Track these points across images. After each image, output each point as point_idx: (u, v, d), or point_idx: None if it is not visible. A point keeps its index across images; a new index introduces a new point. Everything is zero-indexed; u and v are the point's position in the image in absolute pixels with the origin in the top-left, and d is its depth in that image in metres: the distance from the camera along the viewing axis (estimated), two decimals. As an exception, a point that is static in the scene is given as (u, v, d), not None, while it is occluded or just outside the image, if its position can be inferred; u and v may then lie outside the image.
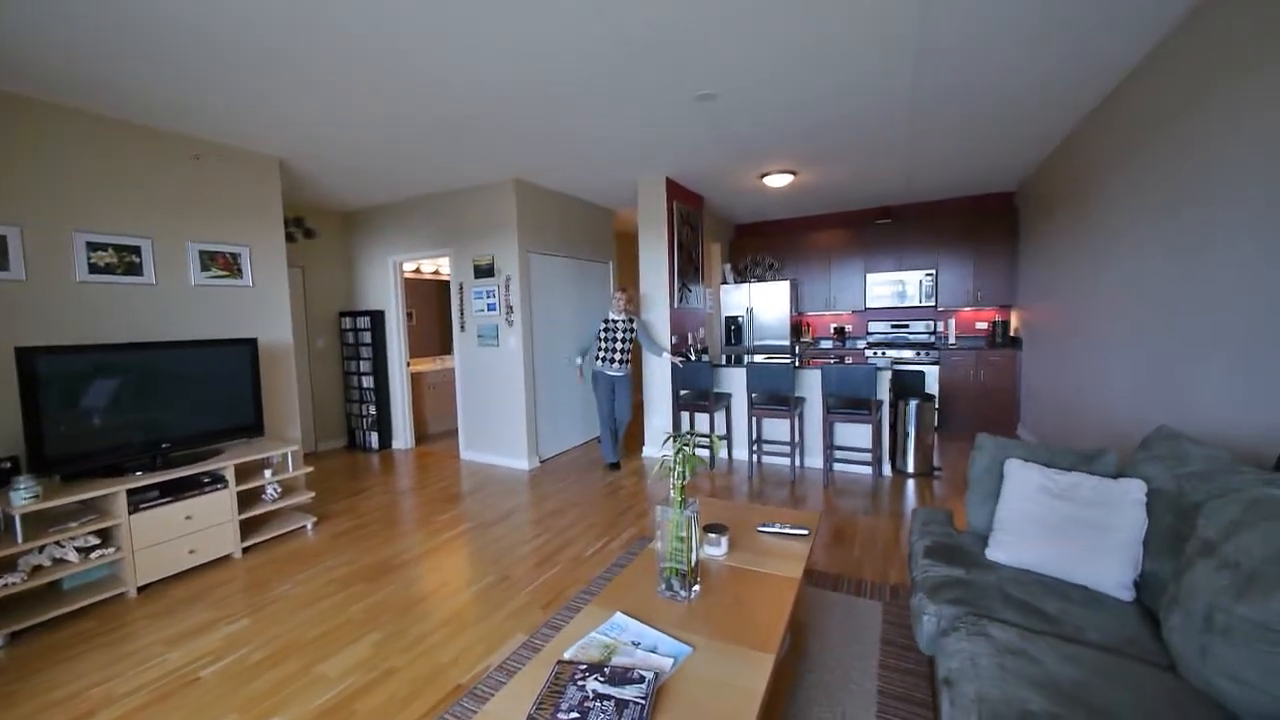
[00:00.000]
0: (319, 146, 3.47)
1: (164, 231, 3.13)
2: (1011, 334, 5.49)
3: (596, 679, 1.30)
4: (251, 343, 3.27)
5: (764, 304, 6.07)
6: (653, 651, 1.41)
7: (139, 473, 2.75)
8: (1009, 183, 5.22)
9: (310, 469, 3.47)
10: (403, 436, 5.47)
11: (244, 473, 3.22)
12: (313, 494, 3.53)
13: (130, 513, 2.64)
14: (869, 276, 6.04)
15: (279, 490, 3.32)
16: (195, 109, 2.87)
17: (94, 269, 2.86)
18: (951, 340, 5.79)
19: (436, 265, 6.51)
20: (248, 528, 3.22)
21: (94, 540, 2.57)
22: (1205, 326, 2.10)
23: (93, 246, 2.86)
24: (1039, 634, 1.45)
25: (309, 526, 3.37)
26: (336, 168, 3.96)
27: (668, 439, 1.72)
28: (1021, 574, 1.75)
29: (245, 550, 3.08)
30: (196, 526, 2.86)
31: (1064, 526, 1.72)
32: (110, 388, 2.70)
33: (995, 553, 1.84)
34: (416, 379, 5.80)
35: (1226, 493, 1.44)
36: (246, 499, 3.24)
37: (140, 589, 2.68)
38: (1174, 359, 2.33)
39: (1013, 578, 1.72)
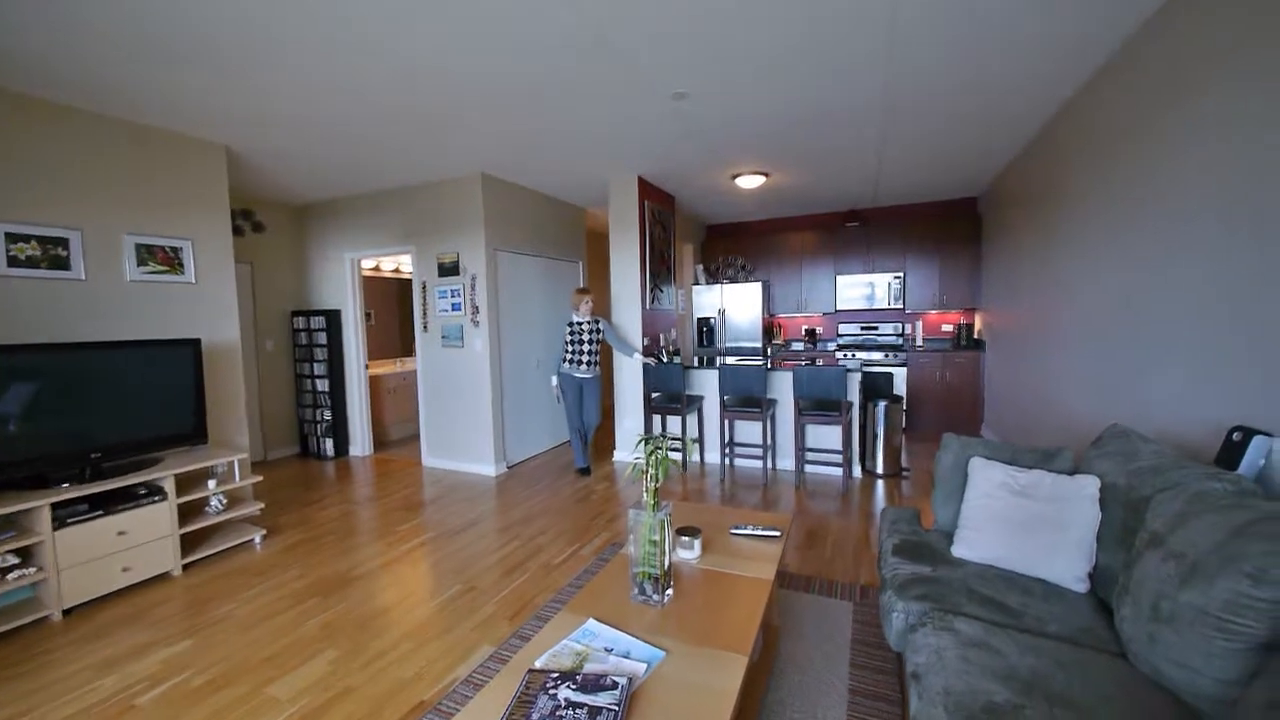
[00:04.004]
0: (269, 134, 3.35)
1: (96, 222, 2.96)
2: (975, 336, 5.75)
3: (568, 687, 1.30)
4: (194, 344, 3.13)
5: (736, 305, 6.16)
6: (625, 657, 1.42)
7: (66, 485, 2.58)
8: (973, 189, 5.48)
9: (259, 478, 3.35)
10: (360, 443, 5.33)
11: (186, 483, 3.07)
12: (262, 505, 3.41)
13: (55, 528, 2.47)
14: (839, 279, 6.21)
15: (224, 502, 3.19)
16: (132, 90, 2.72)
17: (14, 262, 2.68)
18: (919, 342, 6.01)
19: (397, 263, 6.37)
20: (190, 543, 3.07)
21: (12, 560, 2.40)
22: (1158, 330, 2.24)
23: (12, 238, 2.68)
24: (1002, 627, 1.52)
25: (257, 540, 3.25)
26: (289, 157, 3.82)
27: (640, 442, 1.73)
28: (986, 569, 1.83)
29: (187, 567, 2.94)
30: (131, 542, 2.71)
31: (1025, 522, 1.82)
32: (31, 392, 2.53)
33: (960, 549, 1.93)
34: (375, 382, 5.66)
35: (1172, 486, 1.55)
36: (188, 512, 3.10)
37: (66, 612, 2.51)
38: (1129, 360, 2.49)
39: (977, 573, 1.81)
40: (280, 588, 2.72)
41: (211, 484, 3.10)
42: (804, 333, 6.65)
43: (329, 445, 5.23)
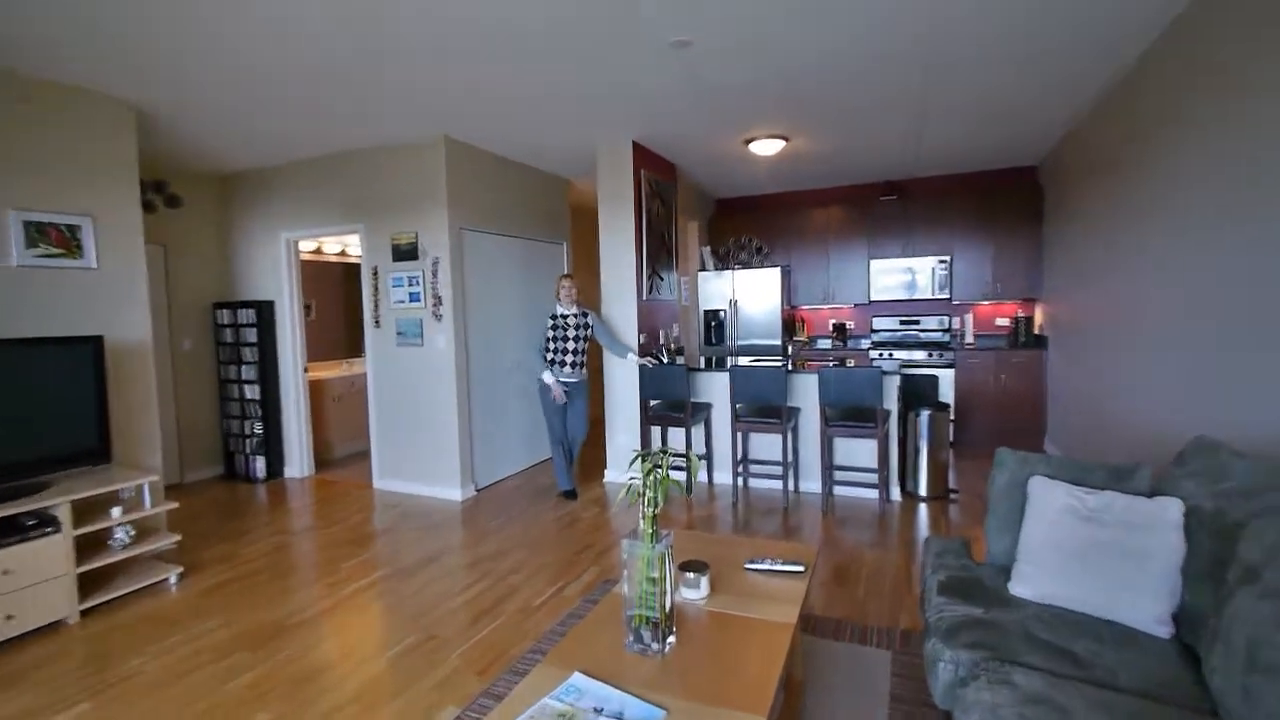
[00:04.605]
0: (186, 88, 3.33)
1: (-27, 196, 2.94)
2: (1036, 331, 5.78)
3: (548, 757, 1.29)
4: (95, 342, 3.10)
5: (750, 295, 6.17)
6: (619, 718, 1.41)
7: (-64, 514, 2.55)
8: (1032, 155, 5.51)
9: (174, 505, 3.32)
10: (298, 462, 5.30)
11: (85, 512, 3.04)
12: (178, 538, 3.38)
13: (-77, 568, 2.44)
14: (873, 263, 6.24)
15: (132, 534, 3.16)
16: (15, 34, 2.70)
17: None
18: (968, 339, 6.05)
19: (343, 244, 6.35)
20: (90, 584, 3.04)
21: None
22: (1264, 325, 2.19)
23: None
24: (1068, 680, 1.53)
25: (173, 580, 3.23)
26: (210, 117, 3.81)
27: (635, 459, 1.72)
28: (1048, 610, 1.84)
29: (86, 613, 2.91)
30: (16, 584, 2.68)
31: (1094, 554, 1.82)
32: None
33: (1019, 587, 1.93)
34: (316, 388, 5.63)
35: (1271, 511, 1.56)
36: (88, 546, 3.07)
37: (-63, 669, 2.48)
38: (1222, 361, 2.50)
39: (1038, 615, 1.81)
40: (200, 638, 2.69)
41: (116, 512, 3.07)
42: (831, 328, 6.66)
43: (260, 465, 5.20)
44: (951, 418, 4.93)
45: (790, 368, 4.50)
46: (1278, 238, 2.14)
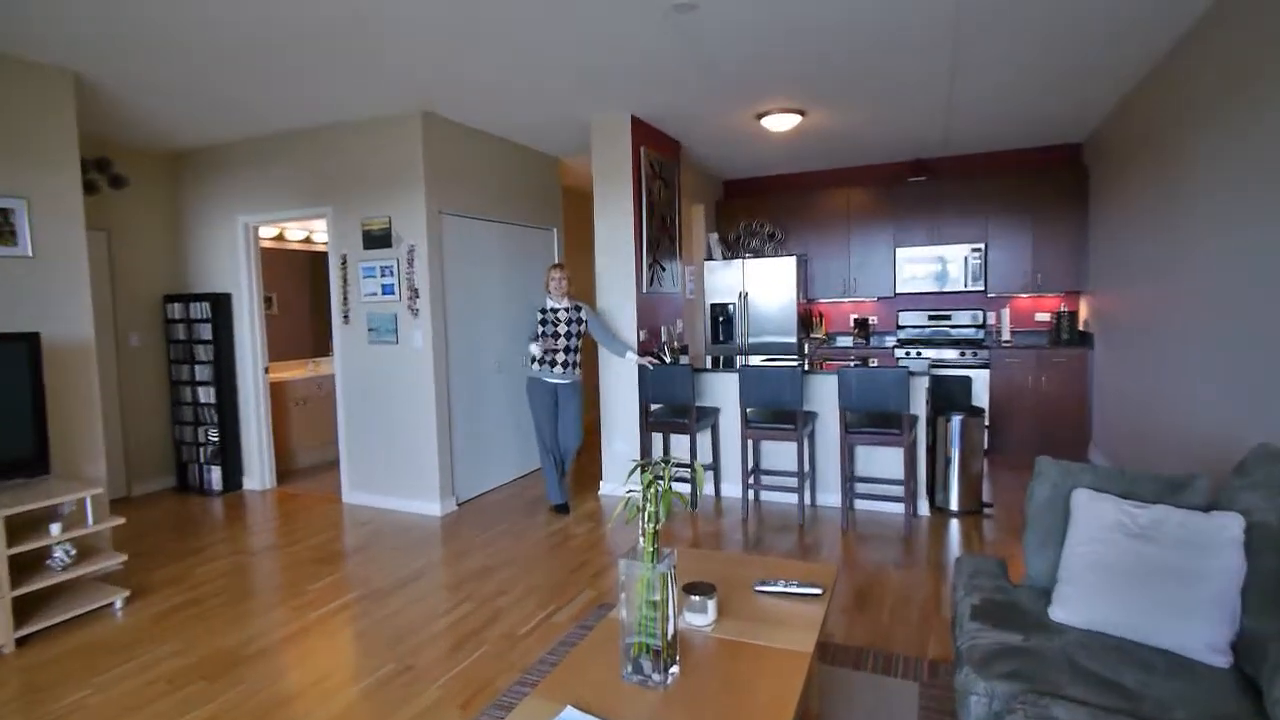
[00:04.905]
0: (130, 53, 3.32)
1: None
2: (1081, 327, 5.79)
3: (538, 800, 1.29)
4: (29, 339, 3.10)
5: (762, 287, 6.18)
6: (615, 759, 1.41)
7: None
8: (1077, 131, 5.52)
9: (120, 521, 3.31)
10: (258, 473, 5.30)
11: (19, 529, 3.03)
12: (124, 558, 3.38)
13: None
14: (899, 251, 6.25)
15: (73, 553, 3.16)
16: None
17: None
18: (1005, 336, 6.05)
19: (308, 230, 6.35)
20: (26, 608, 3.03)
21: None
22: None
23: None
24: (1114, 713, 1.53)
25: (118, 604, 3.23)
26: (158, 85, 3.80)
27: (634, 470, 1.72)
28: (1093, 637, 1.84)
29: (22, 641, 2.91)
30: (-54, 608, 2.67)
31: (1145, 575, 1.83)
32: None
33: (1060, 611, 1.94)
34: (279, 391, 5.63)
35: (1339, 526, 1.55)
36: (24, 567, 3.06)
37: None
38: None
39: (1082, 642, 1.81)
40: (150, 668, 2.68)
41: (55, 529, 3.06)
42: (852, 324, 6.67)
43: (215, 476, 5.20)
44: (986, 423, 4.94)
45: (807, 368, 4.50)
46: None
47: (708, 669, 1.72)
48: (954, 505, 4.22)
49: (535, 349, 4.27)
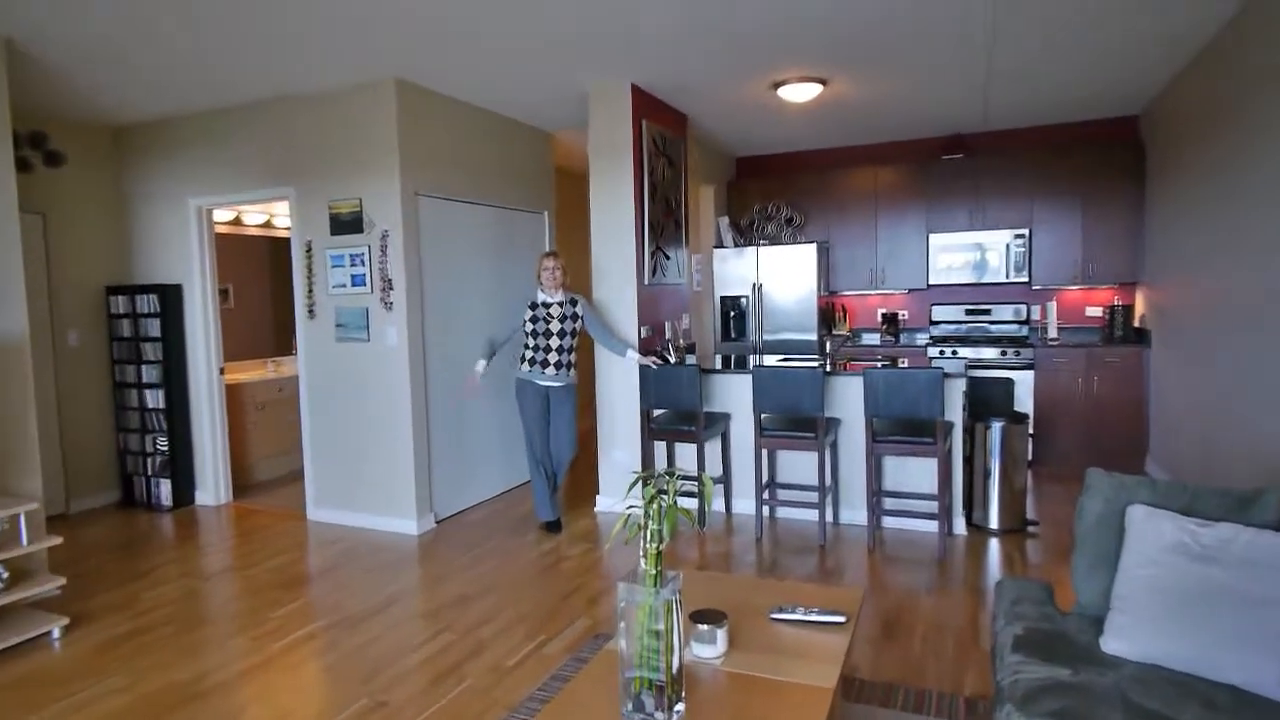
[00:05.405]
0: (65, 10, 3.31)
1: None
2: (1137, 324, 5.79)
3: None
4: (-41, 336, 3.11)
5: (779, 278, 6.18)
6: (615, 806, 1.42)
7: None
8: (1134, 101, 5.51)
9: (58, 541, 3.32)
10: (213, 486, 5.31)
11: (-54, 548, 3.04)
12: (62, 581, 3.39)
13: None
14: (933, 238, 6.25)
15: (5, 576, 3.16)
16: None
17: None
18: (1051, 333, 6.06)
19: (268, 213, 6.35)
20: (-48, 638, 3.05)
21: None
22: None
23: None
24: (1176, 757, 1.54)
25: (56, 633, 3.23)
26: (98, 50, 3.80)
27: (635, 483, 1.73)
28: (1150, 671, 1.84)
29: (-52, 674, 2.92)
30: None
31: (1209, 601, 1.83)
32: None
33: (1113, 642, 1.94)
34: (236, 394, 5.64)
35: None
36: (-50, 591, 3.07)
37: None
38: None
39: (1138, 677, 1.82)
40: (93, 704, 2.68)
41: (-13, 549, 3.08)
42: (880, 319, 6.67)
43: (165, 490, 5.20)
44: (1030, 431, 4.94)
45: (829, 369, 4.50)
46: None
47: (717, 707, 1.72)
48: (994, 523, 4.22)
49: (480, 365, 4.37)
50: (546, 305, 4.33)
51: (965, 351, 5.95)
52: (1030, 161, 5.95)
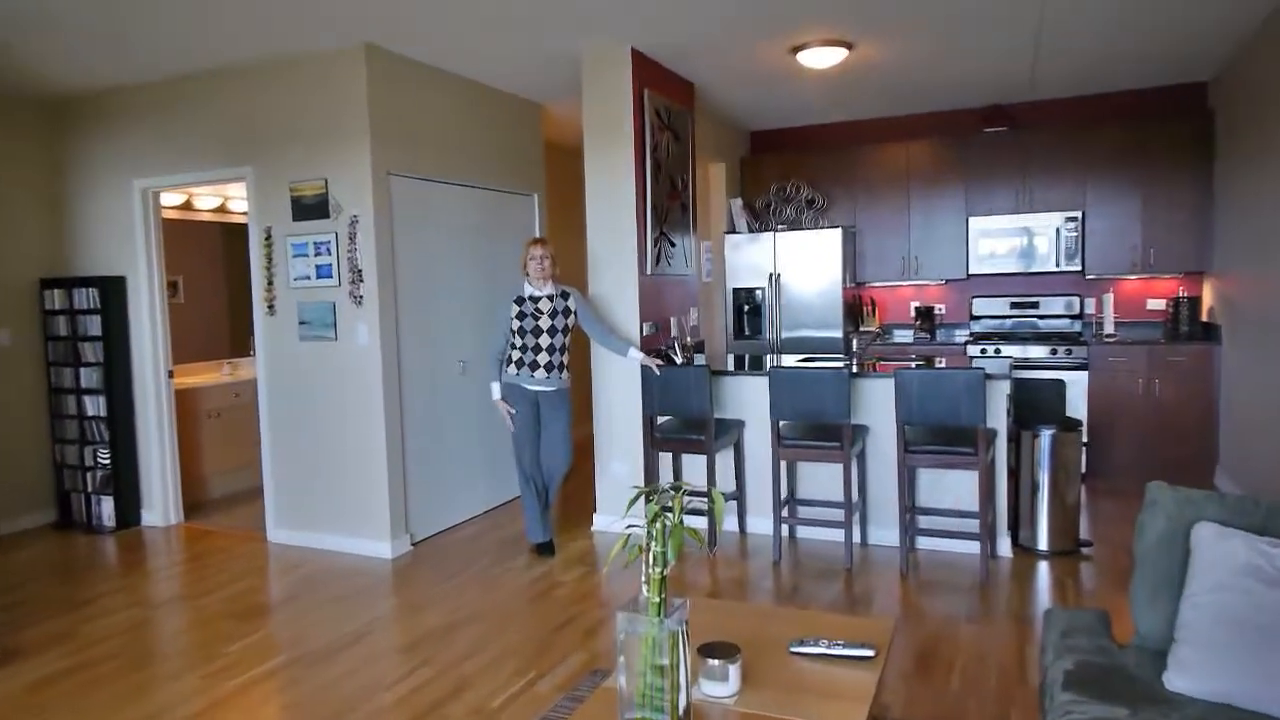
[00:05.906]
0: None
1: None
2: (1205, 319, 5.78)
3: None
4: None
5: (799, 267, 6.18)
6: None
7: None
8: (1202, 66, 5.50)
9: (-12, 565, 3.33)
10: (162, 505, 5.32)
11: None
12: (-7, 611, 3.40)
13: None
14: (973, 222, 6.24)
15: (-72, 605, 3.17)
16: None
17: None
18: (1108, 329, 6.05)
19: (222, 196, 6.37)
20: None
21: None
22: None
23: None
24: (1249, 808, 1.53)
25: (-14, 670, 3.24)
26: (28, 14, 3.80)
27: (637, 499, 1.73)
28: (1219, 711, 1.84)
29: None
30: None
31: (1287, 631, 1.82)
32: None
33: (1178, 678, 1.93)
34: (186, 400, 5.65)
35: None
36: None
37: None
38: None
39: (1205, 717, 1.81)
40: (25, 751, 2.70)
41: (-93, 575, 3.09)
42: (913, 314, 6.66)
43: (107, 509, 5.20)
44: (1084, 440, 4.93)
45: (855, 370, 4.50)
46: None
47: (731, 751, 1.72)
48: (1042, 544, 4.21)
49: (496, 390, 4.36)
50: (535, 300, 4.32)
51: (1010, 350, 5.94)
52: (1083, 135, 5.94)
